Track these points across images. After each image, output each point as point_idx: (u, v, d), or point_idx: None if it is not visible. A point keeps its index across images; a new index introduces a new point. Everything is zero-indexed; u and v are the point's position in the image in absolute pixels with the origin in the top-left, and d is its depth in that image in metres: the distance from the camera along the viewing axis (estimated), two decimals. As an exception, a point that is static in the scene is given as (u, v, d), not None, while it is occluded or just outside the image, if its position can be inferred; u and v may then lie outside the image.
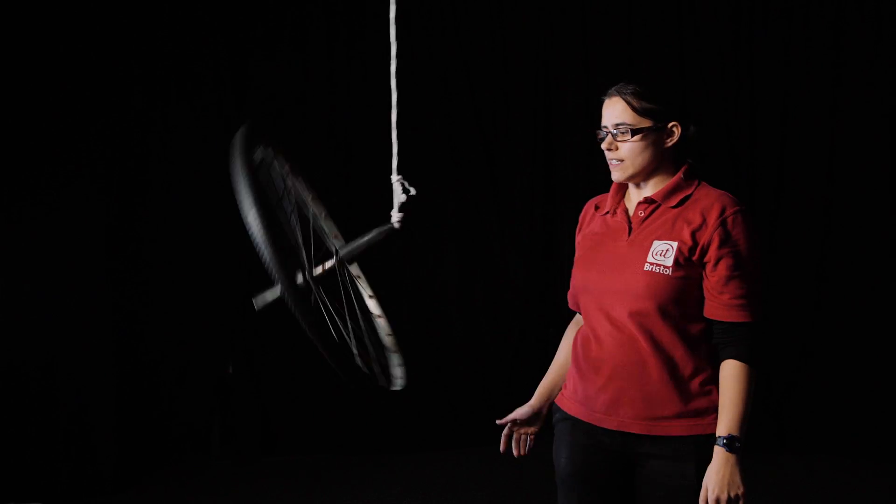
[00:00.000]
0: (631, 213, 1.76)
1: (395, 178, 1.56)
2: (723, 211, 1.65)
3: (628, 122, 1.69)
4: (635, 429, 1.68)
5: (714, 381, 1.69)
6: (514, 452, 1.94)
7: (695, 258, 1.65)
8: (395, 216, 1.53)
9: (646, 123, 1.69)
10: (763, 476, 3.81)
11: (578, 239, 1.90)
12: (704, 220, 1.65)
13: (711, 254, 1.64)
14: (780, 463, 3.97)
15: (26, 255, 3.61)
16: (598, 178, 4.22)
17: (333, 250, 1.57)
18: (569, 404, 1.82)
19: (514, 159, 4.36)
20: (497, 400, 4.40)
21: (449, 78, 4.31)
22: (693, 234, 1.65)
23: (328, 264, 1.53)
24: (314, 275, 1.51)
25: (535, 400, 1.92)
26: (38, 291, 3.62)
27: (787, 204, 4.19)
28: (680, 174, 1.73)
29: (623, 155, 1.71)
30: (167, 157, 4.03)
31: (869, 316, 4.04)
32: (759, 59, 4.20)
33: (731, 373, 1.64)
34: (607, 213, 1.81)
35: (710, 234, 1.64)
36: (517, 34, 4.35)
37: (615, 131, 1.71)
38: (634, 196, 1.78)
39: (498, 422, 1.96)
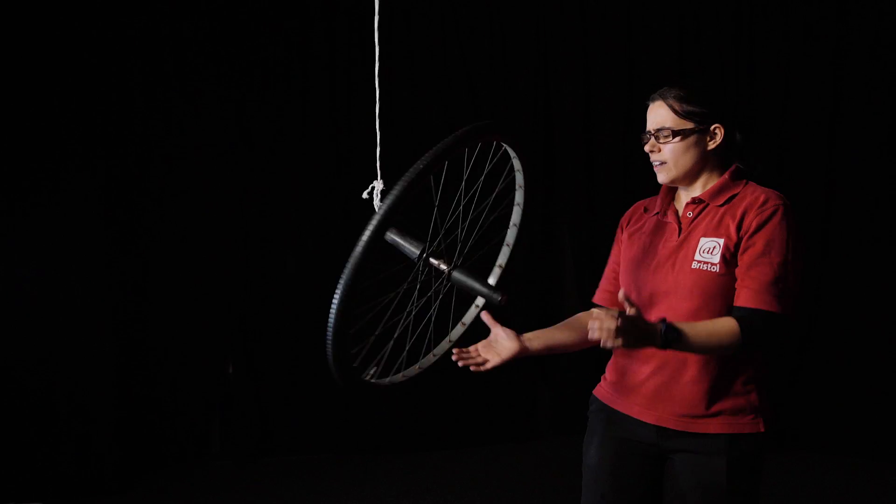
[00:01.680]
0: (680, 213, 1.79)
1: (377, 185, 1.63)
2: (765, 202, 1.66)
3: (669, 125, 1.73)
4: (672, 425, 1.70)
5: (754, 381, 1.71)
6: (457, 359, 1.76)
7: (739, 253, 1.66)
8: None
9: (688, 125, 1.73)
10: (763, 476, 3.81)
11: (622, 237, 1.91)
12: (745, 212, 1.67)
13: (744, 241, 1.65)
14: (780, 463, 3.97)
15: (26, 254, 3.61)
16: (598, 177, 4.25)
17: (447, 269, 1.57)
18: (608, 395, 1.83)
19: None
20: (497, 400, 4.43)
21: (450, 78, 4.30)
22: (738, 229, 1.67)
23: (441, 267, 1.57)
24: (426, 257, 1.56)
25: (529, 335, 1.79)
26: (38, 290, 3.62)
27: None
28: (727, 175, 1.76)
29: (665, 157, 1.75)
30: (168, 156, 4.03)
31: (869, 316, 4.04)
32: (759, 59, 4.20)
33: (720, 320, 1.60)
34: (657, 213, 1.84)
35: (749, 224, 1.65)
36: (517, 34, 4.35)
37: (657, 134, 1.75)
38: (684, 198, 1.81)
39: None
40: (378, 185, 1.64)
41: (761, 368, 1.75)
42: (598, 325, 1.44)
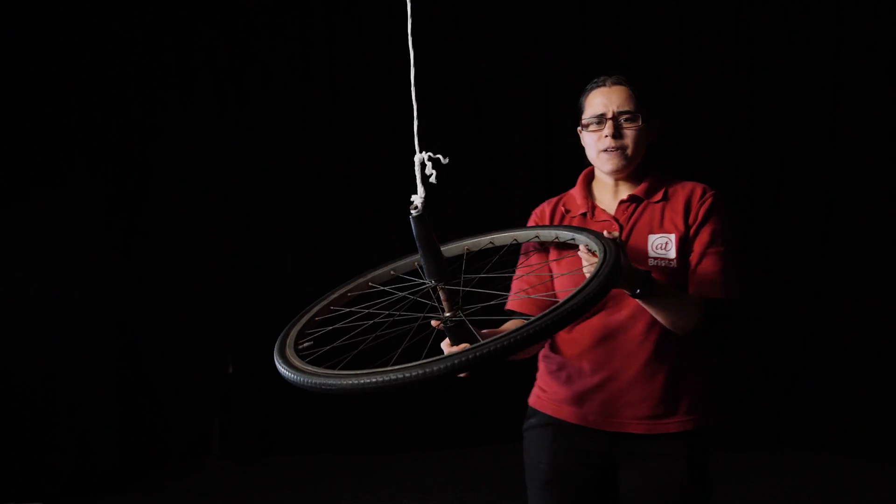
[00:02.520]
0: (613, 212, 1.73)
1: (419, 156, 1.40)
2: (703, 194, 1.68)
3: (634, 109, 1.68)
4: (635, 429, 1.65)
5: (703, 375, 1.70)
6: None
7: (689, 244, 1.66)
8: (418, 198, 1.36)
9: (645, 114, 1.70)
10: (763, 476, 3.81)
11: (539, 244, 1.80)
12: (689, 206, 1.67)
13: (692, 232, 1.66)
14: (780, 463, 3.97)
15: (27, 255, 3.61)
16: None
17: (448, 314, 1.42)
18: (554, 407, 1.73)
19: (513, 159, 4.37)
20: (497, 400, 4.42)
21: (449, 82, 4.30)
22: (685, 222, 1.67)
23: (444, 307, 1.42)
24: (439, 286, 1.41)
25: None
26: (38, 291, 3.62)
27: (787, 204, 4.19)
28: (655, 174, 1.74)
29: (628, 143, 1.69)
30: (168, 159, 4.03)
31: (869, 316, 4.04)
32: (759, 58, 4.20)
33: (691, 295, 1.61)
34: (583, 214, 1.76)
35: (695, 216, 1.66)
36: (517, 35, 4.35)
37: (619, 118, 1.68)
38: (605, 196, 1.76)
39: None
40: (423, 156, 1.39)
41: (705, 362, 1.72)
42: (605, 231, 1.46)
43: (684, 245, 1.65)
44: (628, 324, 1.65)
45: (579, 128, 1.77)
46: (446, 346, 1.47)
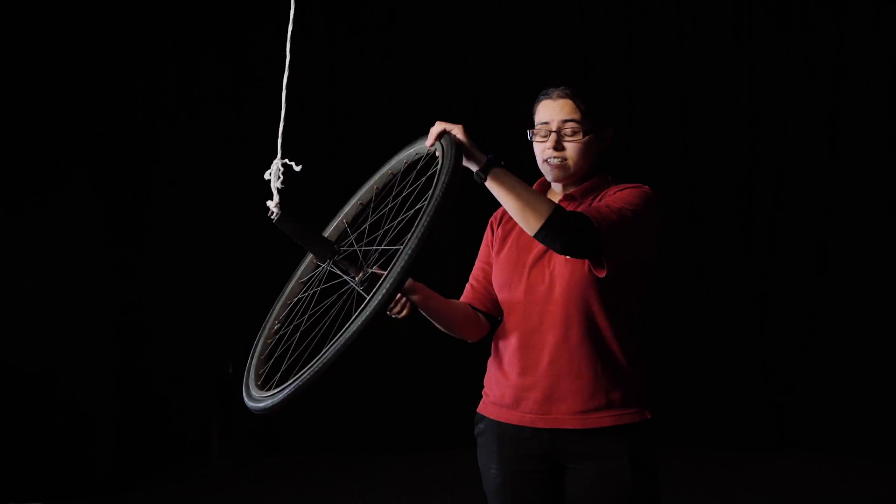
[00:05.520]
0: None
1: (277, 163, 1.55)
2: (622, 185, 1.68)
3: (577, 121, 1.69)
4: (569, 424, 1.65)
5: (638, 369, 1.69)
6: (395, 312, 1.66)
7: None
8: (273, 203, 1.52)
9: (590, 125, 1.70)
10: (763, 476, 3.81)
11: (494, 238, 1.86)
12: (603, 197, 1.67)
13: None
14: (780, 463, 3.97)
15: (27, 256, 3.61)
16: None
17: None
18: (494, 410, 1.76)
19: (512, 160, 4.36)
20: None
21: (449, 82, 4.31)
22: None
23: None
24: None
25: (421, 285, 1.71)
26: (38, 291, 3.62)
27: (787, 204, 4.19)
28: (598, 178, 1.75)
29: (569, 154, 1.70)
30: (169, 157, 4.04)
31: (869, 316, 4.04)
32: (759, 57, 4.21)
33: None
34: None
35: (608, 194, 1.66)
36: (518, 35, 4.35)
37: (563, 130, 1.70)
38: (557, 196, 1.78)
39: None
40: (277, 163, 1.55)
41: (640, 353, 1.72)
42: (442, 124, 1.48)
43: None
44: (549, 320, 1.66)
45: (529, 135, 1.79)
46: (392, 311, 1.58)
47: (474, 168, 1.53)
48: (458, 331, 1.80)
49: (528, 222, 1.50)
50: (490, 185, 1.53)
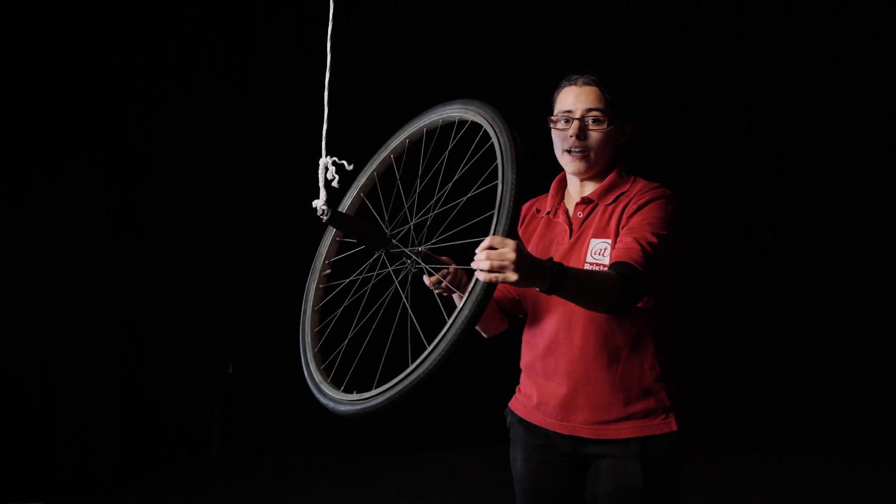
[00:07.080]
0: (571, 213, 1.72)
1: (324, 161, 1.54)
2: (644, 191, 1.63)
3: (602, 110, 1.64)
4: (585, 433, 1.67)
5: (662, 379, 1.66)
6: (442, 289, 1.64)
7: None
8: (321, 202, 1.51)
9: (613, 116, 1.66)
10: (763, 476, 3.81)
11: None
12: (626, 206, 1.63)
13: (622, 223, 1.61)
14: (780, 463, 3.97)
15: (26, 254, 3.61)
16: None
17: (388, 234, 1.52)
18: (523, 409, 1.79)
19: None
20: (497, 400, 4.42)
21: (448, 81, 4.30)
22: (618, 223, 1.62)
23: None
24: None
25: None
26: (37, 290, 3.62)
27: (787, 205, 4.19)
28: (614, 173, 1.70)
29: (592, 144, 1.66)
30: (169, 156, 4.03)
31: (869, 316, 4.04)
32: (758, 58, 4.20)
33: (603, 270, 1.53)
34: (548, 213, 1.77)
35: (628, 212, 1.61)
36: (517, 35, 4.35)
37: (587, 119, 1.65)
38: (574, 197, 1.75)
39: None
40: (325, 161, 1.56)
41: (669, 365, 1.69)
42: (491, 254, 1.23)
43: None
44: (568, 331, 1.66)
45: (549, 123, 1.73)
46: (429, 281, 1.58)
47: (536, 288, 1.36)
48: (481, 323, 1.79)
49: (596, 309, 1.52)
50: (558, 293, 1.39)
